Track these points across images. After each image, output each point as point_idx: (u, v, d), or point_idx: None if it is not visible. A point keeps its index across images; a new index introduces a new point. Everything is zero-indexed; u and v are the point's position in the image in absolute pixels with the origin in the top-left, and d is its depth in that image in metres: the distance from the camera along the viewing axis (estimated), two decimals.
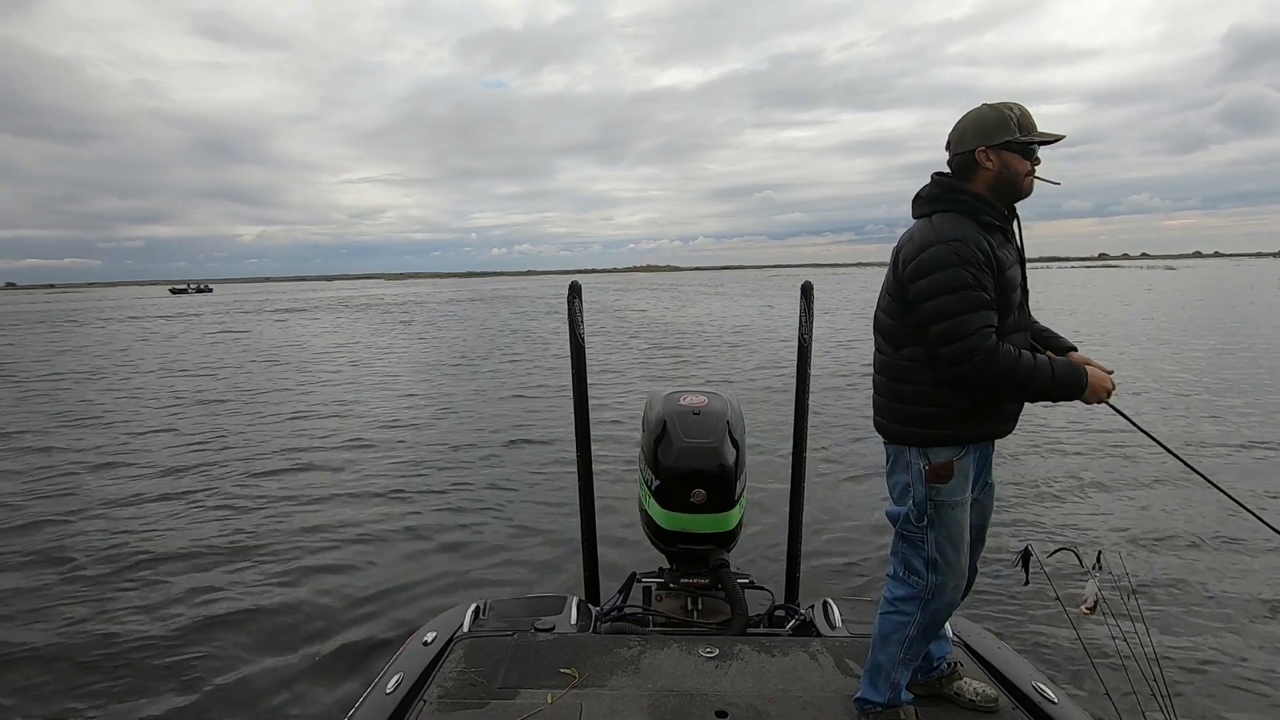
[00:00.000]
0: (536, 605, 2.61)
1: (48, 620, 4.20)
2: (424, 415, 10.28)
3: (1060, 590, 2.21)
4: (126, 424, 9.96)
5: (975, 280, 1.66)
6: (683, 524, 2.66)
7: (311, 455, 8.04)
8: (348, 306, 48.27)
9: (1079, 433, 7.97)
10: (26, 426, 9.92)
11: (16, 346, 23.87)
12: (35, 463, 7.92)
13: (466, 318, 34.32)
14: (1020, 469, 6.69)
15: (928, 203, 1.81)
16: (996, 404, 1.78)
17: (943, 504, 1.79)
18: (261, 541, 5.37)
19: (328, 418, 10.22)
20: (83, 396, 12.51)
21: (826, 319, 25.56)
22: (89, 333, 29.55)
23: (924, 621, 1.87)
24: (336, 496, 6.47)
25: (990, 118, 1.73)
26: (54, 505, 6.33)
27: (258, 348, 21.33)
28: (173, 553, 5.17)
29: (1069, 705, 1.99)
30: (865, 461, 6.89)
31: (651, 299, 47.85)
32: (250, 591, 4.54)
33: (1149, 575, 4.44)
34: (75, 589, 4.60)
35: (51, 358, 19.64)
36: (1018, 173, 1.74)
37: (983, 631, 2.46)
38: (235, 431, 9.36)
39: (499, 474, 7.12)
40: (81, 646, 3.89)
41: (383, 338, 24.51)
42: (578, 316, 2.85)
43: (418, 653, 2.29)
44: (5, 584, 4.69)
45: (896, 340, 1.83)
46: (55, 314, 50.98)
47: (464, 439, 8.68)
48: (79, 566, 4.94)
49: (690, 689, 2.02)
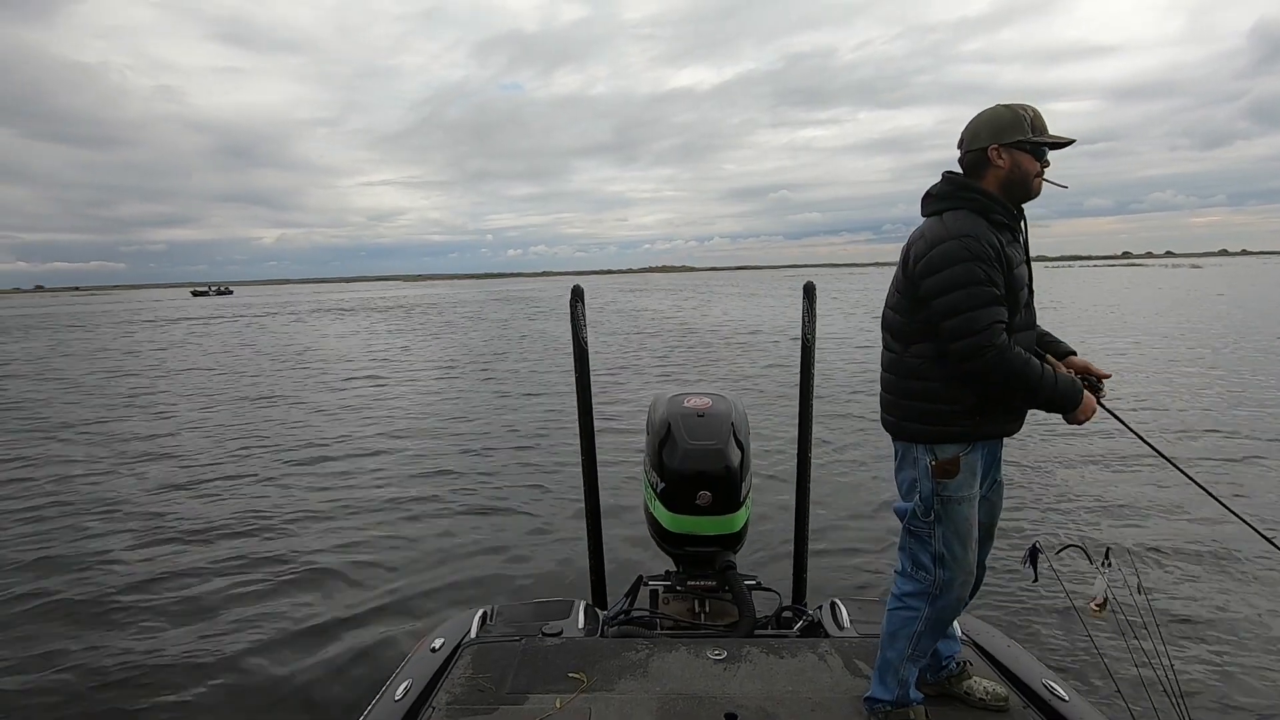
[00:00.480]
0: (543, 610, 2.61)
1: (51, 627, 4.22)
2: (429, 419, 10.29)
3: (1069, 588, 2.20)
4: (129, 425, 10.00)
5: (986, 276, 1.67)
6: (688, 526, 2.66)
7: (316, 458, 8.05)
8: (374, 310, 47.74)
9: (1086, 431, 7.93)
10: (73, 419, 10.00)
11: (61, 349, 23.99)
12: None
13: (486, 317, 34.61)
14: (1029, 466, 6.67)
15: (939, 200, 1.82)
16: (1004, 402, 1.79)
17: (949, 499, 1.80)
18: (267, 548, 5.37)
19: (336, 424, 10.23)
20: (104, 400, 12.57)
21: (843, 319, 25.56)
22: (114, 336, 29.65)
23: (931, 617, 1.87)
24: (342, 502, 6.47)
25: (1005, 117, 1.75)
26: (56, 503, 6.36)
27: (278, 347, 21.47)
28: (173, 554, 5.19)
29: (1080, 703, 1.98)
30: (873, 460, 6.87)
31: (666, 300, 47.21)
32: (256, 598, 4.55)
33: (1158, 572, 4.42)
34: (74, 588, 4.62)
35: (93, 358, 19.78)
36: (1028, 173, 1.76)
37: (992, 630, 2.45)
38: (240, 435, 9.38)
39: (503, 477, 7.12)
40: (81, 646, 3.91)
41: (400, 338, 24.74)
42: (580, 320, 2.86)
43: (426, 659, 2.29)
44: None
45: (906, 337, 1.84)
46: (84, 315, 51.57)
47: (469, 443, 8.69)
48: (82, 567, 4.97)
49: (699, 692, 2.01)
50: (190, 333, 30.65)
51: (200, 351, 22.00)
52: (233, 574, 4.95)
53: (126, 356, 20.95)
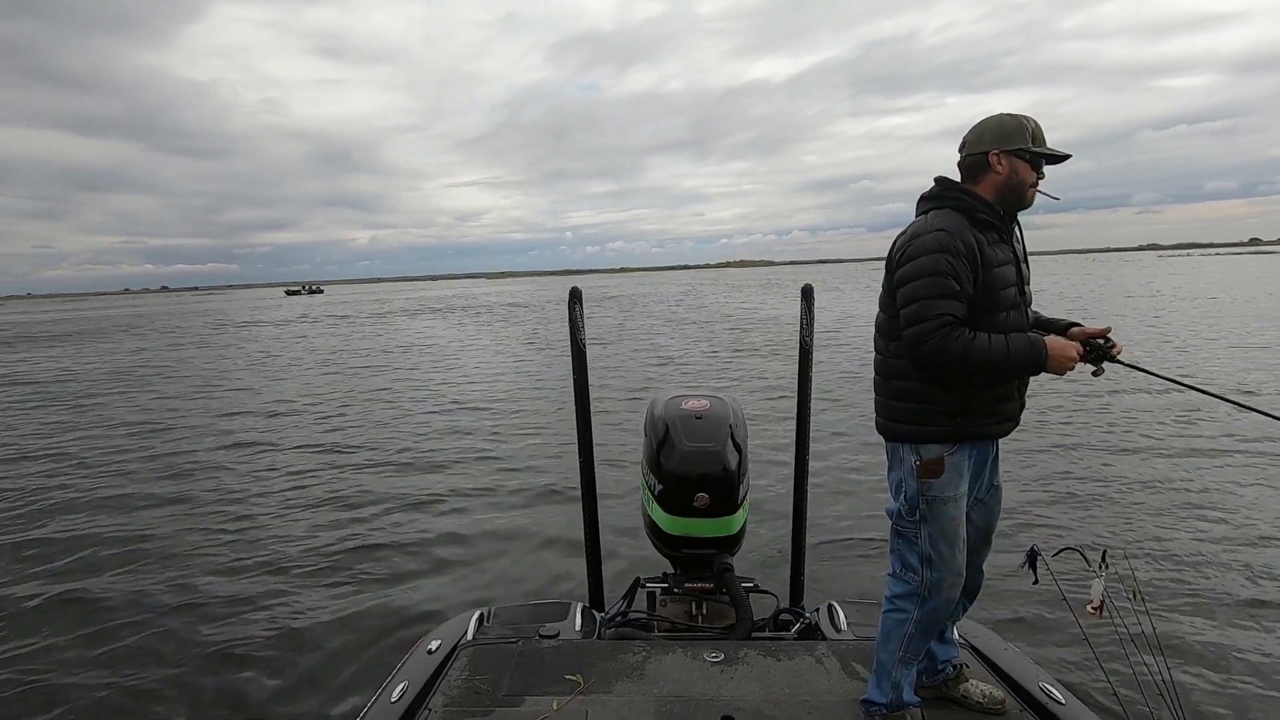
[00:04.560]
0: (540, 612, 2.61)
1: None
2: (433, 421, 10.28)
3: (1066, 591, 2.20)
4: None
5: (951, 269, 1.71)
6: (686, 528, 2.66)
7: (318, 458, 8.05)
8: (464, 309, 45.76)
9: (1086, 430, 7.96)
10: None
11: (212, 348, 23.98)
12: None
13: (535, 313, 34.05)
14: (1027, 469, 6.68)
15: (927, 201, 1.88)
16: (988, 402, 1.80)
17: (935, 499, 1.82)
18: (260, 552, 5.36)
19: (335, 424, 10.23)
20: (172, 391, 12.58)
21: None
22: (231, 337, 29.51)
23: (921, 619, 1.88)
24: (338, 503, 6.46)
25: (1009, 125, 1.79)
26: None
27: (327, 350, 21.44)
28: (175, 555, 5.18)
29: (1077, 706, 1.98)
30: (871, 462, 6.88)
31: (767, 298, 43.18)
32: (250, 598, 4.53)
33: (1155, 575, 4.42)
34: (77, 591, 4.61)
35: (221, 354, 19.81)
36: (1024, 181, 1.80)
37: (989, 633, 2.45)
38: (246, 436, 9.37)
39: (504, 477, 7.11)
40: (79, 644, 3.90)
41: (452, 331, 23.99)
42: (578, 321, 2.86)
43: (422, 661, 2.29)
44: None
45: (890, 336, 1.87)
46: (208, 311, 51.96)
47: (469, 442, 8.69)
48: (88, 571, 4.95)
49: (696, 694, 2.01)
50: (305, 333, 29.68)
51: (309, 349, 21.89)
52: (225, 575, 4.94)
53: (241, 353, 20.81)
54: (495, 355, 19.24)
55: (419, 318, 38.77)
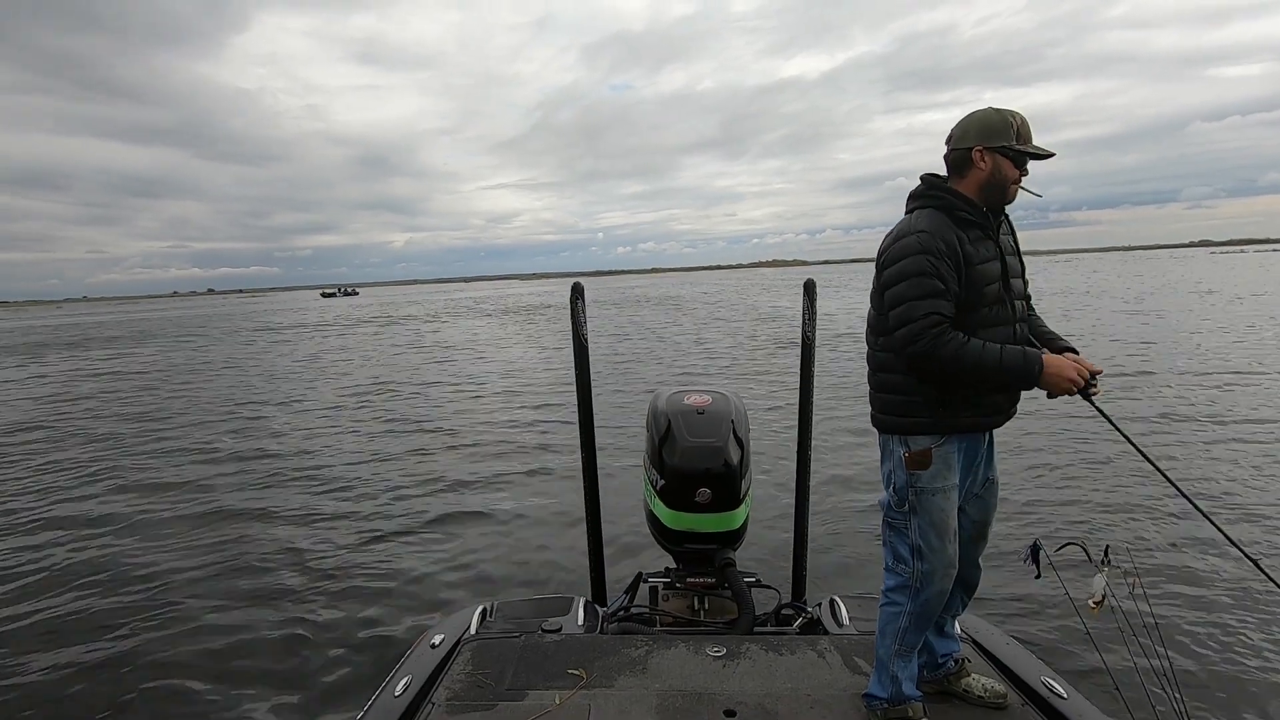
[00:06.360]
0: (543, 606, 2.62)
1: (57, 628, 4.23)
2: (435, 421, 10.29)
3: (1068, 585, 2.20)
4: None
5: (933, 269, 1.72)
6: (688, 523, 2.67)
7: (318, 459, 8.07)
8: (506, 312, 43.34)
9: (1086, 427, 7.94)
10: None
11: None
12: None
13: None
14: (1030, 465, 6.66)
15: (912, 200, 1.90)
16: (970, 394, 1.80)
17: (923, 490, 1.83)
18: (264, 548, 5.38)
19: (335, 424, 10.24)
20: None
21: None
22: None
23: (914, 611, 1.89)
24: (342, 499, 6.48)
25: (994, 121, 1.79)
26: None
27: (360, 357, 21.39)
28: (174, 554, 5.20)
29: (1079, 700, 1.98)
30: (872, 457, 6.86)
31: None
32: (252, 594, 4.56)
33: (1158, 570, 4.42)
34: (77, 584, 4.64)
35: None
36: (1007, 178, 1.80)
37: (991, 628, 2.45)
38: (245, 437, 9.39)
39: (502, 476, 7.12)
40: (76, 646, 3.93)
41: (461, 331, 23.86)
42: (580, 317, 2.86)
43: (425, 655, 2.30)
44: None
45: (878, 331, 1.90)
46: (253, 314, 52.09)
47: (468, 442, 8.70)
48: (87, 569, 4.97)
49: (698, 689, 2.02)
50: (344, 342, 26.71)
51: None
52: (226, 572, 4.96)
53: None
54: (524, 350, 19.11)
55: (459, 319, 37.50)
